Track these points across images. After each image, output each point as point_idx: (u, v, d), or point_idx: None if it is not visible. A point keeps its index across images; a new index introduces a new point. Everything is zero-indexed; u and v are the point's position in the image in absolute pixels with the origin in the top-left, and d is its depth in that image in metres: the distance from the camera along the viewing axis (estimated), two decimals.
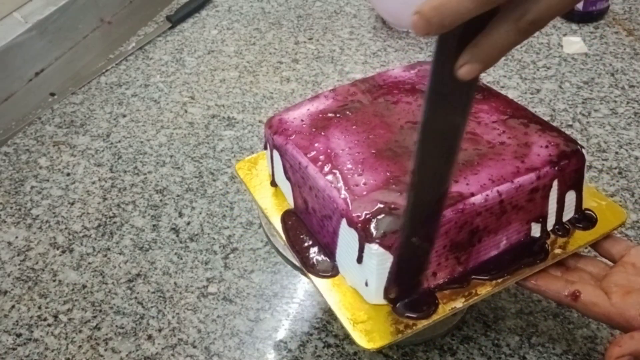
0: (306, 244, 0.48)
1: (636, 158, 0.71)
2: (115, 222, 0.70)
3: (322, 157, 0.47)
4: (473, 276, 0.46)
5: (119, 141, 0.81)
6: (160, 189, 0.73)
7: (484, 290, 0.45)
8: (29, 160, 0.80)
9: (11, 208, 0.73)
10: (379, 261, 0.42)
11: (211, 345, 0.57)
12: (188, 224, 0.68)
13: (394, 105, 0.52)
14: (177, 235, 0.67)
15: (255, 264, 0.63)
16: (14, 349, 0.58)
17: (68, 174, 0.77)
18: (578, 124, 0.76)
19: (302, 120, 0.51)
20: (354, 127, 0.50)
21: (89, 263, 0.65)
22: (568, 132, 0.74)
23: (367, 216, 0.42)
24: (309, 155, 0.48)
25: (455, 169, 0.38)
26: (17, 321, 0.60)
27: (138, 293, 0.62)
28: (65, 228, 0.70)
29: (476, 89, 0.35)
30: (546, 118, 0.77)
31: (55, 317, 0.60)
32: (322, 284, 0.45)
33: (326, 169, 0.46)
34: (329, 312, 0.58)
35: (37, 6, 0.89)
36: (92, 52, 0.97)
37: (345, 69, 0.89)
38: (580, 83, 0.82)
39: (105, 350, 0.57)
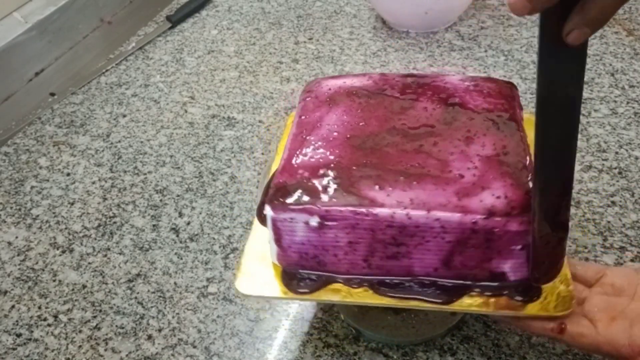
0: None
1: (636, 158, 0.71)
2: (115, 222, 0.70)
3: (308, 124, 0.50)
4: (381, 286, 0.46)
5: (119, 141, 0.81)
6: (160, 189, 0.73)
7: (370, 299, 0.46)
8: (29, 160, 0.80)
9: (11, 208, 0.73)
10: (270, 223, 0.45)
11: (211, 345, 0.57)
12: (188, 224, 0.68)
13: (410, 107, 0.51)
14: (177, 235, 0.67)
15: None
16: (14, 349, 0.58)
17: (68, 174, 0.77)
18: None
19: (330, 89, 0.53)
20: (358, 110, 0.51)
21: (89, 263, 0.65)
22: None
23: (281, 181, 0.46)
24: (301, 118, 0.51)
25: (577, 142, 0.38)
26: (17, 321, 0.60)
27: (138, 293, 0.62)
28: (65, 228, 0.70)
29: (586, 55, 0.35)
30: None
31: (55, 317, 0.60)
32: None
33: (301, 134, 0.50)
34: (329, 312, 0.58)
35: (37, 6, 0.89)
36: (92, 52, 0.97)
37: (346, 69, 0.89)
38: None
39: (105, 350, 0.57)
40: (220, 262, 0.64)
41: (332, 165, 0.46)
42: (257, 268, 0.49)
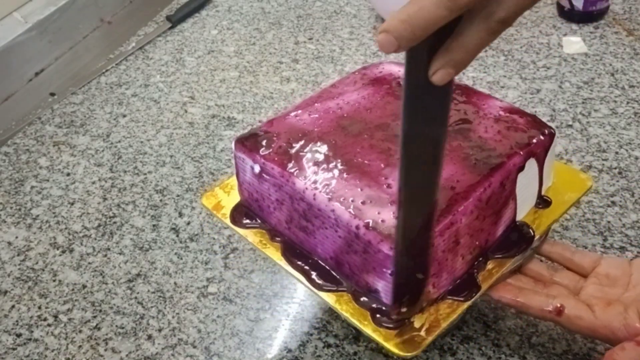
0: None
1: (636, 158, 0.71)
2: (115, 222, 0.70)
3: (330, 93, 0.55)
4: (288, 250, 0.49)
5: (119, 141, 0.81)
6: (160, 189, 0.73)
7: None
8: (29, 160, 0.80)
9: (11, 208, 0.73)
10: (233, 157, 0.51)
11: (211, 345, 0.57)
12: (188, 224, 0.68)
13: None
14: (177, 235, 0.67)
15: (255, 264, 0.63)
16: (14, 349, 0.58)
17: (68, 174, 0.77)
18: (578, 124, 0.76)
19: (380, 72, 0.57)
20: (378, 98, 0.53)
21: (89, 263, 0.65)
22: (568, 132, 0.75)
23: (262, 129, 0.51)
24: (332, 86, 0.56)
25: (440, 179, 0.38)
26: (17, 321, 0.60)
27: (138, 293, 0.62)
28: (65, 228, 0.70)
29: (451, 94, 0.35)
30: (546, 118, 0.77)
31: (55, 317, 0.60)
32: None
33: (314, 99, 0.54)
34: (329, 312, 0.58)
35: (37, 6, 0.89)
36: (92, 52, 0.97)
37: (346, 69, 0.89)
38: (580, 83, 0.82)
39: (105, 350, 0.57)
40: (220, 262, 0.64)
41: (307, 132, 0.50)
42: (228, 195, 0.55)
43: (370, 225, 0.42)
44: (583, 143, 0.73)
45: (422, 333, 0.44)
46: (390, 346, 0.43)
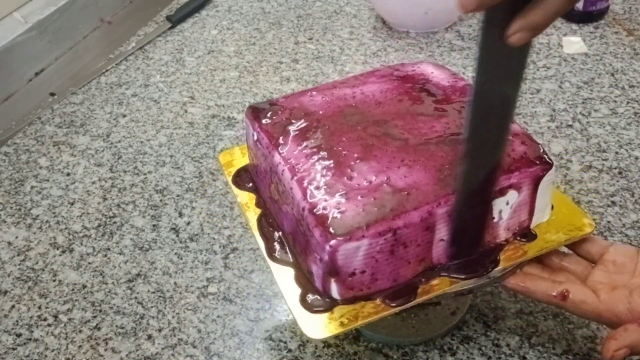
0: None
1: (636, 158, 0.71)
2: (115, 222, 0.70)
3: (348, 82, 0.56)
4: (265, 218, 0.52)
5: (119, 141, 0.81)
6: (160, 189, 0.73)
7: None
8: (29, 160, 0.80)
9: (11, 208, 0.73)
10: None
11: (211, 345, 0.57)
12: (188, 224, 0.68)
13: (428, 119, 0.51)
14: (177, 235, 0.67)
15: (255, 264, 0.63)
16: (14, 349, 0.58)
17: (68, 174, 0.77)
18: (578, 124, 0.76)
19: (413, 70, 0.57)
20: (395, 94, 0.54)
21: (89, 263, 0.65)
22: (568, 132, 0.75)
23: (274, 101, 0.54)
24: (358, 74, 0.57)
25: (507, 140, 0.39)
26: (17, 321, 0.60)
27: (138, 293, 0.62)
28: (65, 228, 0.70)
29: (528, 56, 0.36)
30: (546, 118, 0.77)
31: (55, 317, 0.60)
32: None
33: (336, 84, 0.56)
34: None
35: (37, 6, 0.89)
36: (92, 52, 0.97)
37: (345, 69, 0.89)
38: (580, 83, 0.82)
39: (105, 350, 0.57)
40: (220, 262, 0.64)
41: (309, 113, 0.51)
42: (243, 156, 0.58)
43: (314, 210, 0.44)
44: (583, 143, 0.73)
45: (335, 324, 0.44)
46: (301, 323, 0.44)
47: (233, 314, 0.59)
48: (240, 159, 0.58)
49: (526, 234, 0.49)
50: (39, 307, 0.62)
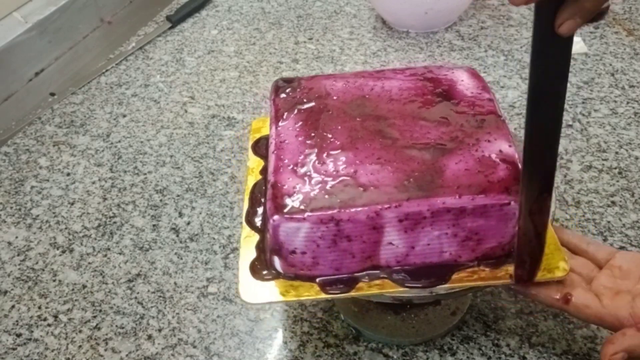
0: None
1: (636, 158, 0.71)
2: (115, 222, 0.70)
3: (374, 74, 0.56)
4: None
5: (119, 141, 0.81)
6: (160, 189, 0.73)
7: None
8: (29, 160, 0.80)
9: (11, 208, 0.73)
10: None
11: (211, 345, 0.57)
12: (188, 224, 0.68)
13: (430, 123, 0.50)
14: (177, 235, 0.67)
15: None
16: (14, 349, 0.58)
17: (68, 174, 0.77)
18: (578, 124, 0.76)
19: (438, 76, 0.58)
20: (412, 92, 0.54)
21: (89, 263, 0.65)
22: (568, 132, 0.75)
23: (289, 78, 0.56)
24: (385, 67, 0.60)
25: (562, 121, 0.40)
26: (17, 321, 0.60)
27: (138, 293, 0.62)
28: (65, 228, 0.70)
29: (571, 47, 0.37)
30: None
31: (55, 317, 0.60)
32: None
33: (365, 73, 0.56)
34: (329, 312, 0.58)
35: (37, 6, 0.89)
36: (92, 52, 0.97)
37: (345, 69, 0.89)
38: (580, 83, 0.82)
39: (105, 350, 0.57)
40: (220, 262, 0.64)
41: (322, 96, 0.53)
42: None
43: (277, 184, 0.46)
44: (583, 143, 0.73)
45: (269, 293, 0.46)
46: (242, 285, 0.46)
47: (233, 314, 0.59)
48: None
49: (491, 262, 0.46)
50: (39, 307, 0.62)
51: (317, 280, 0.46)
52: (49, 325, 0.60)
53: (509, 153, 0.47)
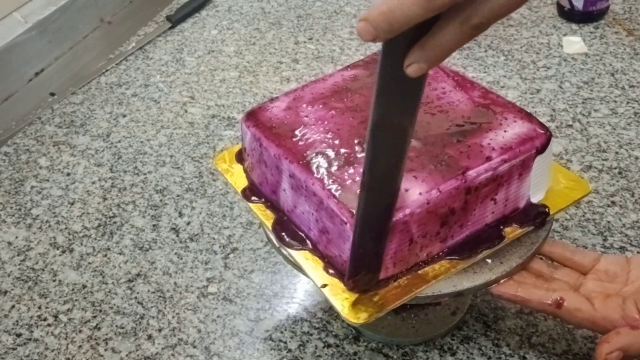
0: None
1: (636, 158, 0.71)
2: (115, 222, 0.70)
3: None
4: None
5: (119, 141, 0.81)
6: (160, 189, 0.73)
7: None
8: (29, 160, 0.80)
9: (11, 208, 0.73)
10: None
11: (211, 345, 0.57)
12: (188, 224, 0.68)
13: (437, 113, 0.52)
14: (177, 235, 0.67)
15: (255, 264, 0.63)
16: (14, 349, 0.58)
17: (68, 174, 0.77)
18: (578, 124, 0.76)
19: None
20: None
21: (89, 263, 0.65)
22: (568, 132, 0.75)
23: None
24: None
25: (404, 169, 0.38)
26: (17, 321, 0.60)
27: (138, 293, 0.62)
28: (65, 228, 0.70)
29: (424, 88, 0.35)
30: (546, 118, 0.77)
31: (55, 317, 0.60)
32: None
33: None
34: (329, 312, 0.58)
35: (37, 6, 0.89)
36: (92, 52, 0.97)
37: None
38: (580, 83, 0.82)
39: (105, 350, 0.57)
40: (220, 262, 0.64)
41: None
42: None
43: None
44: (583, 143, 0.73)
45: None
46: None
47: (233, 314, 0.59)
48: None
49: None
50: (39, 307, 0.62)
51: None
52: (49, 325, 0.60)
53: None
